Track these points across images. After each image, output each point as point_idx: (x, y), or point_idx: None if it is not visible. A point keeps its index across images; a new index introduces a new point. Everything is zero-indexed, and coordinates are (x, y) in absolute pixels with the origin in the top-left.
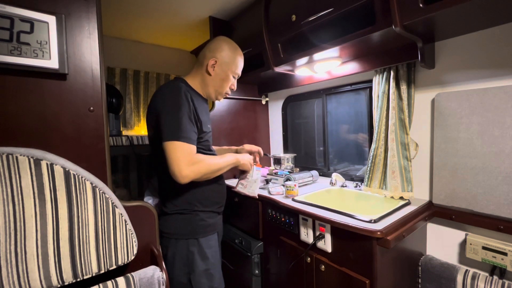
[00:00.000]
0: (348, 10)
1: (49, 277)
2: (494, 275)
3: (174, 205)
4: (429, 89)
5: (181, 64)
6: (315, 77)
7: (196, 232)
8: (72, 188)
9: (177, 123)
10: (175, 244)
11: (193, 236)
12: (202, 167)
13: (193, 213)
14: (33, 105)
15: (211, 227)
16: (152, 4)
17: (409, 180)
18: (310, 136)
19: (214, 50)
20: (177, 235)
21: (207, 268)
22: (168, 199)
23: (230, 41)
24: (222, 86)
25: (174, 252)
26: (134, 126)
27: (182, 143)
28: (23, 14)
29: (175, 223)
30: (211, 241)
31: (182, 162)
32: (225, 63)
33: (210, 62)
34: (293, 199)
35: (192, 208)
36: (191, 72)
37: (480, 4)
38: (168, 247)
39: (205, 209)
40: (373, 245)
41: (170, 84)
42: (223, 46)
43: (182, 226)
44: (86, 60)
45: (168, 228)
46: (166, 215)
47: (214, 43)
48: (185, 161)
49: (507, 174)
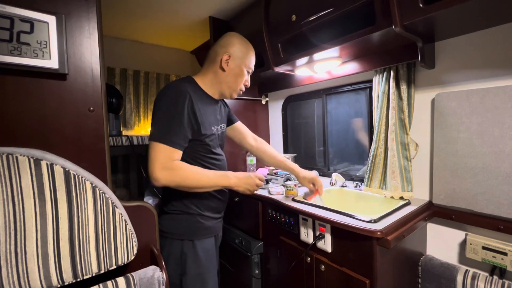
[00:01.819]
0: (348, 10)
1: (49, 277)
2: (494, 275)
3: (172, 205)
4: (429, 89)
5: (181, 64)
6: (315, 77)
7: (192, 234)
8: (72, 188)
9: (165, 125)
10: (170, 243)
11: (188, 237)
12: (176, 176)
13: (190, 214)
14: (33, 105)
15: (208, 230)
16: (152, 4)
17: (409, 180)
18: (310, 136)
19: (226, 45)
20: (172, 234)
21: (200, 272)
22: (167, 198)
23: (240, 36)
24: (236, 81)
25: (168, 251)
26: (134, 126)
27: (163, 145)
28: (23, 14)
29: (171, 223)
30: (207, 244)
31: (157, 164)
32: (238, 57)
33: (224, 57)
34: (293, 199)
35: (189, 209)
36: (202, 71)
37: (480, 4)
38: (164, 246)
39: (203, 213)
40: (373, 245)
41: (173, 83)
42: (234, 41)
43: (178, 226)
44: (86, 60)
45: (165, 227)
46: (165, 214)
47: (224, 39)
48: (159, 164)
49: (507, 174)
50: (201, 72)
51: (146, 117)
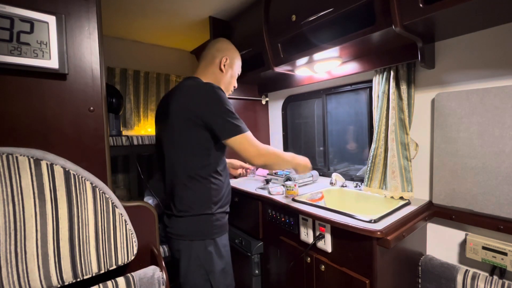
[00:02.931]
0: (348, 10)
1: (49, 277)
2: (494, 275)
3: (188, 207)
4: (429, 89)
5: (181, 64)
6: (315, 77)
7: (213, 232)
8: (72, 188)
9: (233, 117)
10: (189, 246)
11: (210, 237)
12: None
13: (209, 214)
14: (33, 105)
15: (224, 227)
16: (152, 4)
17: (409, 180)
18: (310, 136)
19: (223, 49)
20: (191, 236)
21: (224, 267)
22: (179, 200)
23: (230, 41)
24: (231, 82)
25: (189, 254)
26: (134, 126)
27: (245, 134)
28: (23, 14)
29: (190, 225)
30: (225, 240)
31: (255, 149)
32: (233, 62)
33: (223, 60)
34: (293, 199)
35: (207, 209)
36: (199, 71)
37: (480, 4)
38: (181, 250)
39: (219, 210)
40: (373, 245)
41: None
42: (229, 46)
43: (198, 227)
44: (86, 60)
45: (180, 230)
46: (176, 217)
47: (219, 43)
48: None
49: (507, 174)
50: (199, 73)
51: (146, 117)
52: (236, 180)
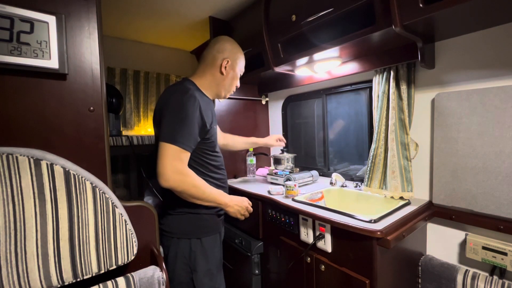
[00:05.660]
0: (348, 10)
1: (49, 277)
2: (494, 275)
3: (178, 206)
4: (429, 89)
5: (181, 64)
6: (315, 77)
7: (199, 232)
8: (72, 188)
9: (179, 127)
10: (177, 243)
11: (196, 236)
12: (186, 183)
13: (196, 214)
14: (33, 105)
15: (213, 228)
16: (152, 4)
17: (409, 180)
18: (310, 136)
19: (223, 51)
20: (179, 234)
21: (209, 268)
22: (171, 199)
23: (232, 39)
24: (232, 84)
25: (176, 251)
26: (134, 126)
27: (173, 146)
28: (23, 14)
29: (178, 223)
30: (213, 241)
31: (169, 165)
32: (235, 62)
33: (224, 62)
34: (293, 199)
35: (195, 210)
36: (198, 73)
37: (480, 4)
38: (170, 246)
39: (206, 212)
40: (373, 245)
41: (179, 85)
42: (230, 46)
43: (185, 226)
44: (86, 60)
45: (170, 228)
46: (169, 215)
47: (219, 43)
48: (172, 166)
49: (507, 174)
50: (198, 74)
51: (146, 117)
52: (236, 180)
